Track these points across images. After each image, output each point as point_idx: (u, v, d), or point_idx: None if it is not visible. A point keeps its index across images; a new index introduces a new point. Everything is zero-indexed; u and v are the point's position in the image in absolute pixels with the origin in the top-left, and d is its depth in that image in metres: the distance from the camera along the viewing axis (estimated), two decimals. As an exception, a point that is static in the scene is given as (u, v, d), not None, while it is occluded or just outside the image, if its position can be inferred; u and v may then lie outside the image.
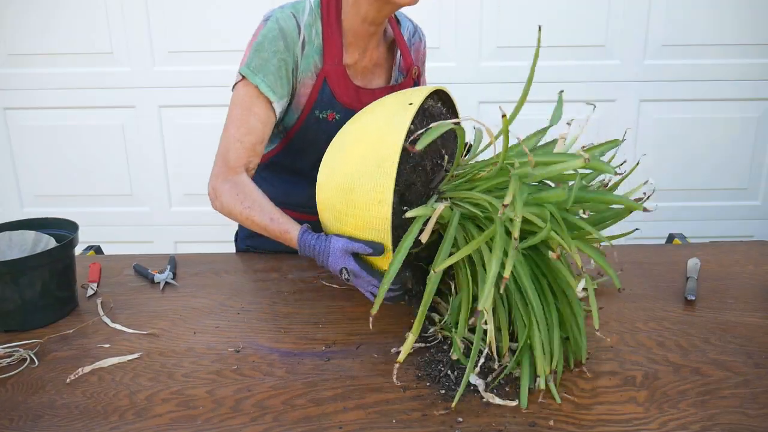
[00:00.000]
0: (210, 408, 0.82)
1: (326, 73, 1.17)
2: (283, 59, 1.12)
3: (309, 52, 1.15)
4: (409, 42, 1.32)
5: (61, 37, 2.35)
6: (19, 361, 0.94)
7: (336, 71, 1.18)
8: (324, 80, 1.17)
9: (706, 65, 2.37)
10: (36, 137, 2.47)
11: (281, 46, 1.11)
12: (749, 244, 1.38)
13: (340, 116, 1.20)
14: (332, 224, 0.98)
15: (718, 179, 2.52)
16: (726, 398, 0.82)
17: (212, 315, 1.09)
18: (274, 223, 1.07)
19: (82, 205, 2.53)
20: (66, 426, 0.79)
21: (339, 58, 1.17)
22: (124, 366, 0.92)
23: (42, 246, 1.13)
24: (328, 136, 1.07)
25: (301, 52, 1.14)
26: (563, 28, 2.30)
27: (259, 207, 1.10)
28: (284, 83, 1.14)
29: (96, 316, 1.09)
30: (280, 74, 1.13)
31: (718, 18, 2.32)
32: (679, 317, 1.04)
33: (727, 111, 2.43)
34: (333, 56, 1.17)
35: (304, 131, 1.22)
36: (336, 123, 1.19)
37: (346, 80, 1.19)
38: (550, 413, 0.79)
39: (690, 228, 2.45)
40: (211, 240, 2.52)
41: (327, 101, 1.19)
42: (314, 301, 1.13)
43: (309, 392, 0.85)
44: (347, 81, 1.20)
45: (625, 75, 2.39)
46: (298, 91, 1.18)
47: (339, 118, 1.20)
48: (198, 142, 2.43)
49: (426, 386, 0.85)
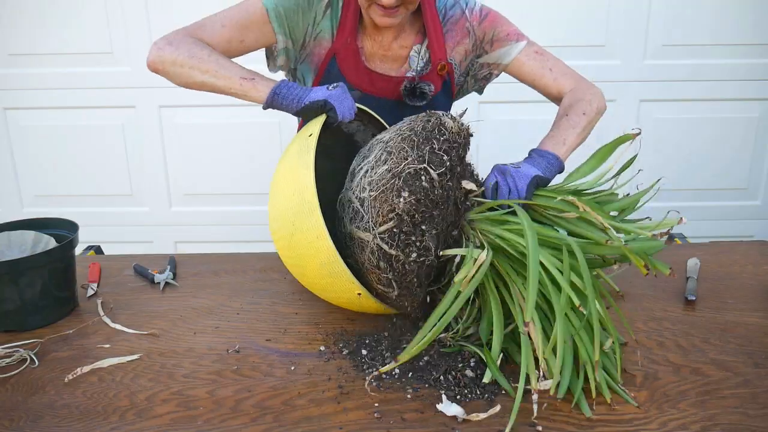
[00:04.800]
0: (210, 408, 0.82)
1: (336, 50, 1.17)
2: (301, 5, 1.13)
3: (331, 15, 1.16)
4: (444, 17, 1.21)
5: (61, 37, 2.35)
6: (19, 361, 0.94)
7: (346, 50, 1.17)
8: (333, 57, 1.17)
9: (706, 65, 2.37)
10: (36, 137, 2.47)
11: None
12: (749, 244, 1.38)
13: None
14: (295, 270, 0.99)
15: (718, 179, 2.51)
16: (726, 398, 0.82)
17: (212, 315, 1.09)
18: (243, 70, 1.04)
19: (82, 205, 2.53)
20: (66, 426, 0.79)
21: (352, 38, 1.16)
22: (125, 366, 0.92)
23: (42, 246, 1.13)
24: None
25: (324, 11, 1.15)
26: (563, 28, 2.30)
27: (223, 57, 1.06)
28: (295, 27, 1.14)
29: (96, 317, 1.09)
30: (294, 17, 1.12)
31: (718, 18, 2.32)
32: (679, 317, 1.04)
33: (727, 111, 2.43)
34: (345, 36, 1.16)
35: None
36: None
37: (357, 61, 1.18)
38: (550, 413, 0.79)
39: (690, 228, 2.45)
40: (211, 240, 2.51)
41: (334, 78, 1.18)
42: (314, 301, 1.13)
43: (309, 393, 0.85)
44: (358, 62, 1.18)
45: (625, 75, 2.39)
46: (313, 50, 1.18)
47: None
48: (198, 142, 2.43)
49: (426, 387, 0.85)
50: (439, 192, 0.87)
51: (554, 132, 1.10)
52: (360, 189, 0.91)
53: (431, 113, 0.94)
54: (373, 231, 0.88)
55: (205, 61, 1.04)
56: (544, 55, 1.22)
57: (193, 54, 1.05)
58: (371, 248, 0.89)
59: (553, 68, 1.21)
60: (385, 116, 1.15)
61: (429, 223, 0.87)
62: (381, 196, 0.87)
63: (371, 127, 1.15)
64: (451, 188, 0.90)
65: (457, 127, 0.92)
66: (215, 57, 1.06)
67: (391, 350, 0.94)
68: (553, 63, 1.22)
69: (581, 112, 1.12)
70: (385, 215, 0.86)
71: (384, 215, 0.87)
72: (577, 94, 1.17)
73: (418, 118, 0.94)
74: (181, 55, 1.05)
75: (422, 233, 0.87)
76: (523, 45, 1.21)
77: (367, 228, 0.89)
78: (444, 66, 1.21)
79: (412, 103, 1.19)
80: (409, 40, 1.21)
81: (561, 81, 1.20)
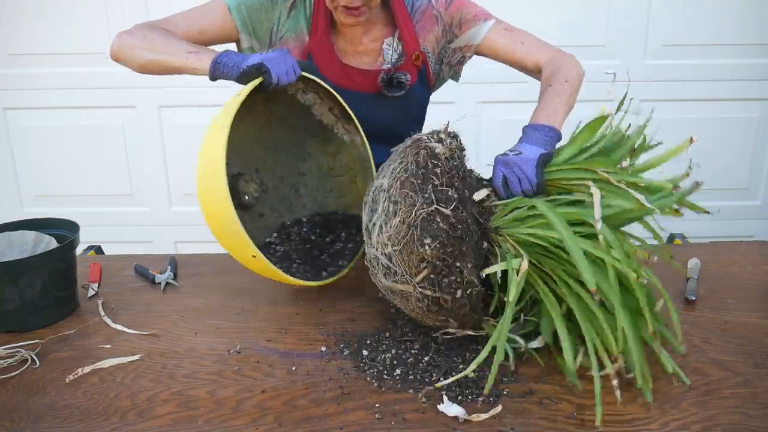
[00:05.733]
0: (211, 409, 0.82)
1: (311, 49, 1.21)
2: (264, 5, 1.18)
3: (297, 15, 1.20)
4: (412, 9, 1.24)
5: (61, 37, 2.34)
6: (20, 361, 0.94)
7: (321, 48, 1.20)
8: (309, 55, 1.21)
9: (707, 65, 2.37)
10: (36, 137, 2.47)
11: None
12: (749, 244, 1.38)
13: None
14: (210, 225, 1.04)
15: (718, 179, 2.51)
16: (726, 398, 0.82)
17: (213, 315, 1.09)
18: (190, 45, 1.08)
19: (83, 205, 2.53)
20: (67, 427, 0.79)
21: (326, 36, 1.20)
22: (125, 367, 0.92)
23: (42, 246, 1.13)
24: None
25: (288, 12, 1.19)
26: (563, 28, 2.30)
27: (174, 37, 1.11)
28: (258, 26, 1.19)
29: (97, 317, 1.09)
30: (256, 15, 1.18)
31: (718, 18, 2.32)
32: (679, 317, 1.04)
33: (727, 111, 2.43)
34: (318, 34, 1.20)
35: None
36: None
37: (332, 58, 1.21)
38: (550, 414, 0.79)
39: (690, 228, 2.45)
40: (211, 240, 2.50)
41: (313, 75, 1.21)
42: (314, 301, 1.13)
43: (310, 393, 0.85)
44: (333, 58, 1.22)
45: (625, 75, 2.39)
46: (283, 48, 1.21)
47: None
48: (198, 142, 2.41)
49: (426, 387, 0.85)
50: (460, 227, 0.85)
51: (543, 103, 1.11)
52: (382, 246, 0.88)
53: (416, 141, 0.91)
54: (411, 282, 0.87)
55: (155, 41, 1.09)
56: (513, 31, 1.24)
57: (145, 36, 1.10)
58: (416, 297, 0.88)
59: (524, 41, 1.23)
60: (365, 109, 1.19)
61: (462, 260, 0.85)
62: (406, 249, 0.85)
63: (328, 101, 1.17)
64: (468, 216, 0.88)
65: (448, 151, 0.90)
66: (164, 36, 1.10)
67: (392, 351, 0.94)
68: (524, 36, 1.24)
69: (563, 79, 1.13)
70: (417, 265, 0.85)
71: (415, 266, 0.85)
72: (554, 64, 1.18)
73: (407, 151, 0.90)
74: (135, 39, 1.10)
75: (459, 270, 0.85)
76: (492, 23, 1.24)
77: (405, 281, 0.87)
78: (418, 56, 1.23)
79: (390, 93, 1.22)
80: (380, 34, 1.24)
81: (534, 53, 1.22)
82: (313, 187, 1.26)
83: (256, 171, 1.23)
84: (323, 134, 1.23)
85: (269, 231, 1.21)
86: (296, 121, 1.21)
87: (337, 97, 1.14)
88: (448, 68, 1.31)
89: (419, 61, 1.24)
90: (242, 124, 1.18)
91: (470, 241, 0.88)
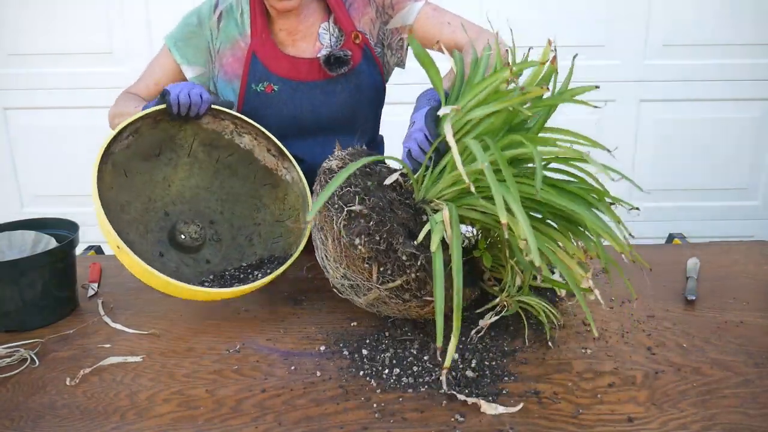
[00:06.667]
0: (211, 408, 0.82)
1: (254, 48, 1.23)
2: (193, 32, 1.25)
3: (227, 26, 1.25)
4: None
5: (61, 37, 2.35)
6: (20, 361, 0.94)
7: (263, 45, 1.23)
8: (253, 55, 1.23)
9: (706, 65, 2.37)
10: (36, 137, 2.47)
11: (194, 21, 1.26)
12: (749, 244, 1.38)
13: (278, 87, 1.25)
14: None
15: (718, 179, 2.52)
16: (726, 398, 0.82)
17: (213, 315, 1.09)
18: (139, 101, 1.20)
19: (83, 205, 2.52)
20: (67, 426, 0.79)
21: (266, 33, 1.23)
22: (125, 366, 0.92)
23: (42, 246, 1.13)
24: (273, 109, 1.24)
25: (216, 25, 1.25)
26: (563, 28, 2.30)
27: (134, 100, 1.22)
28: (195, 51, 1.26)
29: (97, 316, 1.09)
30: (190, 42, 1.26)
31: (718, 18, 2.32)
32: (679, 317, 1.04)
33: (727, 111, 2.44)
34: (258, 32, 1.23)
35: (250, 106, 1.27)
36: (277, 94, 1.25)
37: (275, 51, 1.24)
38: (550, 413, 0.79)
39: (690, 228, 2.45)
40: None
41: (261, 74, 1.25)
42: (314, 301, 1.13)
43: (309, 392, 0.85)
44: (276, 52, 1.24)
45: (625, 75, 2.39)
46: (221, 60, 1.26)
47: (278, 89, 1.25)
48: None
49: (426, 387, 0.85)
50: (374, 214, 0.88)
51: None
52: (335, 270, 0.94)
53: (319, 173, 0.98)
54: (373, 286, 0.90)
55: (119, 107, 1.21)
56: (440, 11, 1.25)
57: (117, 104, 1.24)
58: (386, 296, 0.91)
59: (451, 22, 1.24)
60: (318, 99, 1.25)
61: (394, 238, 0.87)
62: (349, 260, 0.89)
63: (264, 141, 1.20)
64: (380, 200, 0.91)
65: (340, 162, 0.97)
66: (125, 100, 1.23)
67: (391, 350, 0.94)
68: (451, 18, 1.25)
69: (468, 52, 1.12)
70: (364, 268, 0.88)
71: (364, 269, 0.89)
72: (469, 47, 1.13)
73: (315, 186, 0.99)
74: (112, 108, 1.24)
75: (396, 249, 0.87)
76: (422, 4, 1.25)
77: (369, 287, 0.91)
78: (357, 34, 1.25)
79: (335, 72, 1.24)
80: (314, 18, 1.27)
81: (457, 34, 1.22)
82: (267, 235, 1.24)
83: (210, 223, 1.22)
84: (271, 180, 1.23)
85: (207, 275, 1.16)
86: (246, 170, 1.23)
87: (267, 133, 1.17)
88: (391, 53, 1.31)
89: (359, 39, 1.25)
90: (191, 176, 1.21)
91: (394, 219, 0.90)
